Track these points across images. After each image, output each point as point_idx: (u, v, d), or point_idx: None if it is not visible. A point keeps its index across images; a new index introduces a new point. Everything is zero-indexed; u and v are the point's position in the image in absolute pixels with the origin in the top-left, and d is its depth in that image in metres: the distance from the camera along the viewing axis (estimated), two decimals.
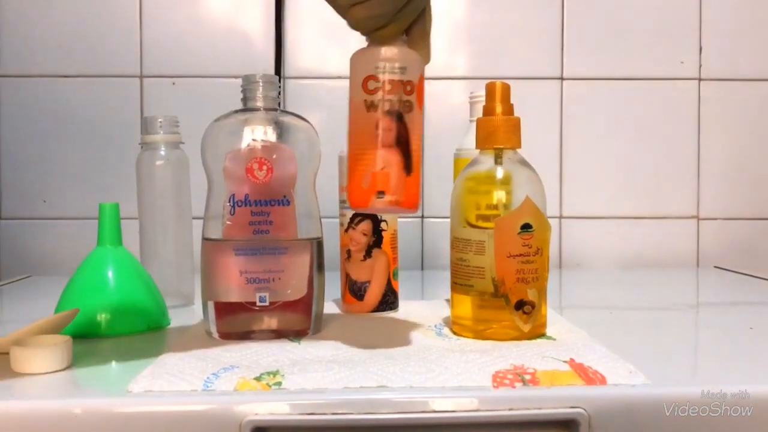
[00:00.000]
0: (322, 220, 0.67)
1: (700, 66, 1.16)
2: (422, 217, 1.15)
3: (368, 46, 0.57)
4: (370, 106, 0.55)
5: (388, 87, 0.55)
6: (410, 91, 0.56)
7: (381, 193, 0.55)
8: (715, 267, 1.15)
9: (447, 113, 1.14)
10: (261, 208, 0.64)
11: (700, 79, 1.17)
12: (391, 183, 0.55)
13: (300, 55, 1.14)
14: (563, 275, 1.11)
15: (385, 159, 0.55)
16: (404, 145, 0.55)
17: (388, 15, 0.54)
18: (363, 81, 0.55)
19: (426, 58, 0.57)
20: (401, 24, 0.55)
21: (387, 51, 0.56)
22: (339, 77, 1.13)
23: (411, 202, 0.56)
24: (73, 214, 1.13)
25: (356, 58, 0.57)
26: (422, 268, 1.16)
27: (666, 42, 1.16)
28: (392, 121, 0.55)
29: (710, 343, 0.69)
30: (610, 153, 1.17)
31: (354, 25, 0.55)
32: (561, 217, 1.16)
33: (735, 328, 0.73)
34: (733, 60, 1.17)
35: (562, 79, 1.16)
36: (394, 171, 0.55)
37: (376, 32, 0.55)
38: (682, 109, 1.17)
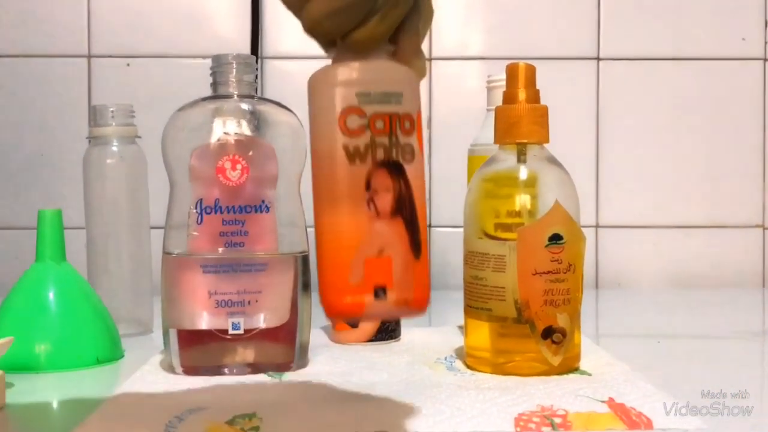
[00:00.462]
0: (308, 230, 0.67)
1: (766, 43, 1.17)
2: (429, 226, 1.16)
3: (338, 62, 0.44)
4: (354, 155, 0.43)
5: (380, 124, 0.44)
6: (410, 129, 0.44)
7: (381, 290, 0.44)
8: None
9: (459, 101, 1.14)
10: (234, 215, 0.64)
11: (765, 59, 1.17)
12: (395, 273, 0.44)
13: (281, 31, 1.14)
14: (600, 296, 1.11)
15: (384, 237, 0.44)
16: (409, 212, 0.44)
17: (363, 7, 0.42)
18: (340, 117, 0.43)
19: (420, 71, 0.46)
20: (387, 21, 0.43)
21: (372, 68, 0.44)
22: (328, 56, 1.13)
23: (422, 301, 0.45)
24: (6, 223, 1.13)
25: (321, 82, 0.44)
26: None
27: (724, 15, 1.17)
28: (389, 177, 0.44)
29: None
30: (656, 149, 1.17)
31: (312, 27, 0.44)
32: (597, 226, 1.17)
33: None
34: None
35: (598, 59, 1.16)
36: (399, 254, 0.44)
37: (349, 35, 0.43)
38: (744, 95, 1.17)
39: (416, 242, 0.44)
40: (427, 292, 0.45)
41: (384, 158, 0.43)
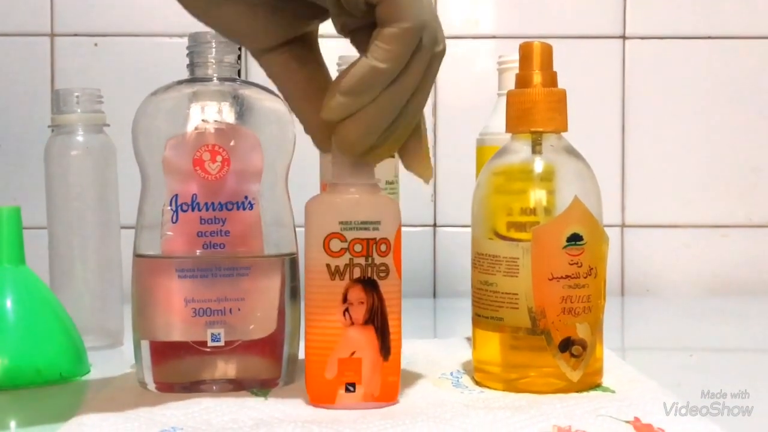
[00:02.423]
0: (297, 229, 0.67)
1: None
2: (434, 225, 1.16)
3: (330, 191, 0.60)
4: (335, 273, 0.59)
5: (358, 248, 0.59)
6: (385, 251, 0.60)
7: (351, 385, 0.60)
8: None
9: (468, 85, 1.14)
10: (214, 213, 0.64)
11: None
12: (363, 373, 0.60)
13: None
14: (626, 304, 1.11)
15: (356, 341, 0.59)
16: (380, 321, 0.60)
17: (381, 128, 0.54)
18: (325, 240, 0.59)
19: (428, 174, 0.59)
20: (398, 138, 0.56)
21: (355, 201, 0.59)
22: (320, 35, 1.13)
23: (390, 395, 0.60)
24: None
25: (314, 209, 0.60)
26: (434, 296, 1.16)
27: None
28: (363, 292, 0.59)
29: None
30: (688, 139, 1.17)
31: (344, 146, 0.55)
32: (623, 225, 1.17)
33: None
34: None
35: (624, 38, 1.16)
36: (368, 356, 0.60)
37: (368, 154, 0.56)
38: None
39: (386, 346, 0.60)
40: (396, 387, 0.61)
41: (360, 276, 0.59)
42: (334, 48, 0.61)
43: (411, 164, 0.59)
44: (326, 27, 1.11)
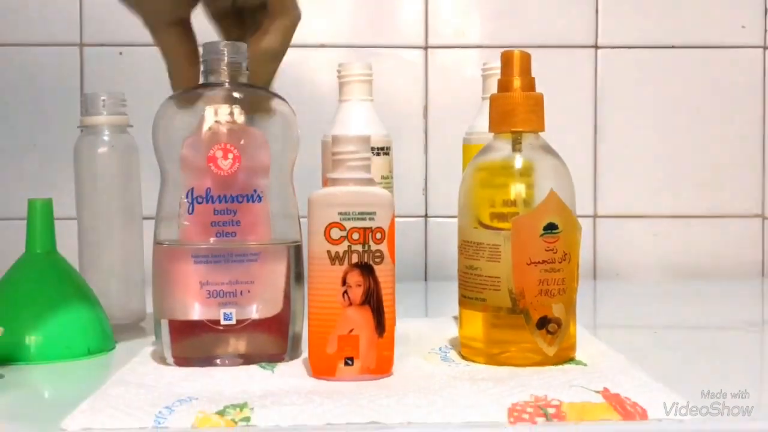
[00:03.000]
0: (301, 220, 0.67)
1: (766, 31, 1.17)
2: (425, 216, 1.16)
3: (331, 185, 0.62)
4: (335, 258, 0.59)
5: (355, 236, 0.60)
6: (380, 239, 0.60)
7: (350, 359, 0.60)
8: None
9: (455, 89, 1.14)
10: (226, 205, 0.64)
11: (765, 48, 1.17)
12: (361, 348, 0.60)
13: None
14: (598, 287, 1.11)
15: (354, 320, 0.60)
16: (375, 302, 0.60)
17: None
18: (325, 229, 0.60)
19: (295, 19, 0.68)
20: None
21: (353, 193, 0.60)
22: (322, 45, 1.13)
23: (384, 368, 0.61)
24: None
25: (316, 202, 0.61)
26: (426, 279, 1.16)
27: (724, 3, 1.16)
28: (361, 275, 0.60)
29: None
30: (655, 138, 1.17)
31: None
32: (595, 216, 1.17)
33: None
34: None
35: (596, 47, 1.16)
36: (365, 333, 0.60)
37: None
38: (744, 84, 1.17)
39: (381, 324, 0.60)
40: (390, 361, 0.61)
41: (357, 261, 0.60)
42: (335, 57, 0.60)
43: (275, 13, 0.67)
44: (330, 37, 1.11)
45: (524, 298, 0.63)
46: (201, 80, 0.67)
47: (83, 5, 1.13)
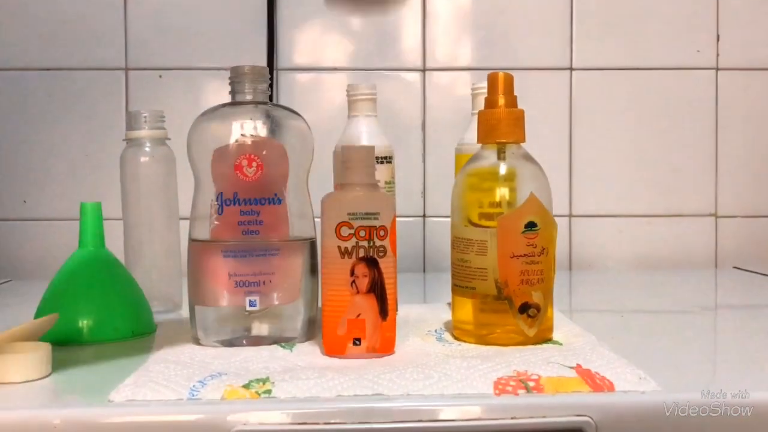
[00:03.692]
0: (315, 219, 0.67)
1: (718, 55, 1.17)
2: (423, 216, 1.16)
3: (341, 190, 0.61)
4: (344, 253, 0.60)
5: (362, 233, 0.60)
6: (383, 236, 0.60)
7: (357, 340, 0.60)
8: (735, 267, 1.15)
9: (449, 106, 1.14)
10: (250, 207, 0.64)
11: (717, 69, 1.17)
12: (367, 330, 0.60)
13: (294, 46, 1.14)
14: (573, 277, 1.11)
15: (361, 306, 0.60)
16: (379, 290, 0.60)
17: None
18: (336, 228, 0.60)
19: None
20: None
21: (360, 197, 0.60)
22: (335, 68, 1.13)
23: (387, 348, 0.61)
24: (54, 214, 1.13)
25: (328, 204, 0.61)
26: (424, 270, 1.16)
27: (682, 30, 1.16)
28: (367, 267, 0.60)
29: (728, 349, 0.70)
30: (622, 147, 1.17)
31: None
32: (571, 215, 1.17)
33: (755, 332, 0.73)
34: (753, 49, 1.17)
35: (571, 69, 1.16)
36: (370, 317, 0.60)
37: None
38: (699, 101, 1.17)
39: (384, 310, 0.60)
40: (392, 341, 0.61)
41: (363, 255, 0.60)
42: (345, 79, 0.60)
43: None
44: (342, 62, 1.11)
45: (508, 287, 0.63)
46: (230, 99, 0.67)
47: (128, 34, 1.13)
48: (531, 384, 0.52)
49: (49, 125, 1.13)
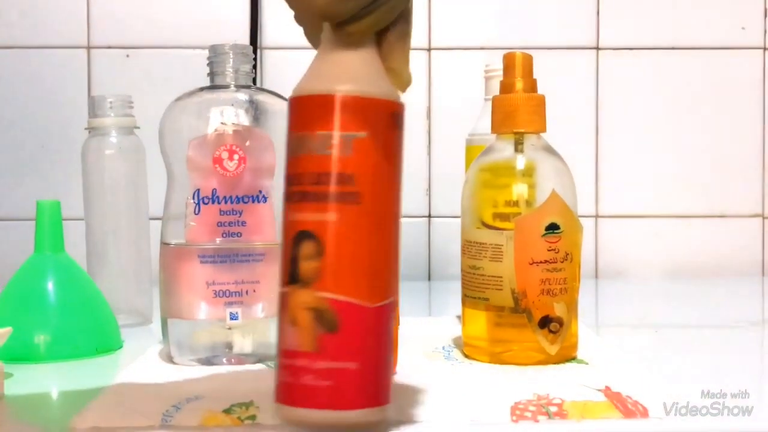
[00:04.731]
0: None
1: (766, 32, 1.17)
2: (429, 216, 1.16)
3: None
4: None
5: None
6: None
7: None
8: None
9: (458, 91, 1.14)
10: (232, 205, 0.64)
11: (765, 48, 1.17)
12: None
13: (281, 21, 1.14)
14: (600, 286, 1.11)
15: None
16: None
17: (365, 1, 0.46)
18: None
19: (407, 79, 0.49)
20: (382, 15, 0.47)
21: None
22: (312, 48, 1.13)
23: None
24: (5, 214, 1.13)
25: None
26: (429, 279, 1.16)
27: (724, 4, 1.16)
28: None
29: None
30: (656, 138, 1.17)
31: (321, 8, 0.46)
32: (597, 216, 1.17)
33: None
34: None
35: (597, 48, 1.16)
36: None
37: (345, 25, 0.47)
38: (744, 85, 1.17)
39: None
40: (394, 360, 0.53)
41: None
42: None
43: (389, 55, 0.49)
44: None
45: (526, 298, 0.63)
46: (208, 82, 0.67)
47: (90, 7, 1.13)
48: (553, 409, 0.52)
49: (0, 111, 1.13)
